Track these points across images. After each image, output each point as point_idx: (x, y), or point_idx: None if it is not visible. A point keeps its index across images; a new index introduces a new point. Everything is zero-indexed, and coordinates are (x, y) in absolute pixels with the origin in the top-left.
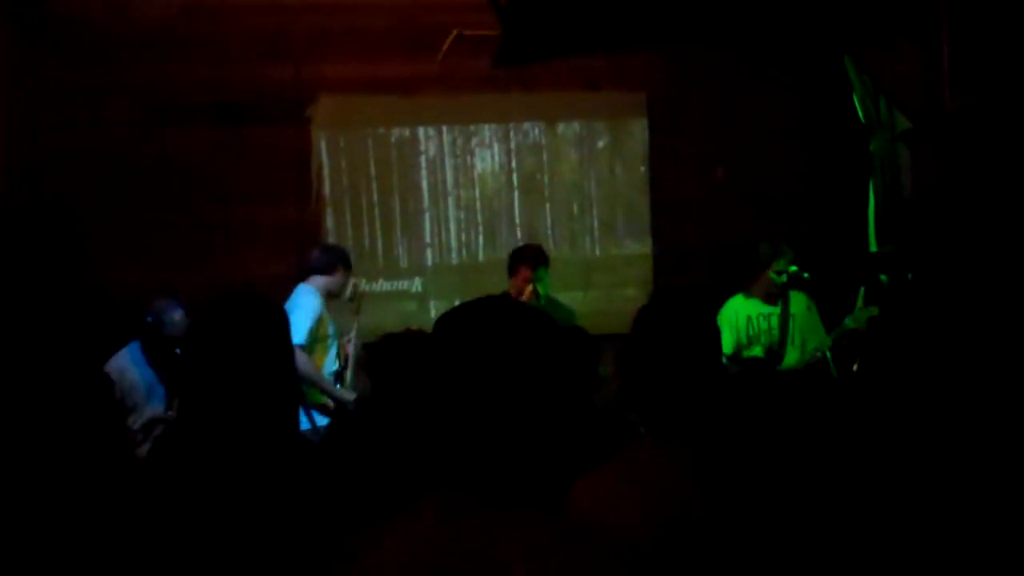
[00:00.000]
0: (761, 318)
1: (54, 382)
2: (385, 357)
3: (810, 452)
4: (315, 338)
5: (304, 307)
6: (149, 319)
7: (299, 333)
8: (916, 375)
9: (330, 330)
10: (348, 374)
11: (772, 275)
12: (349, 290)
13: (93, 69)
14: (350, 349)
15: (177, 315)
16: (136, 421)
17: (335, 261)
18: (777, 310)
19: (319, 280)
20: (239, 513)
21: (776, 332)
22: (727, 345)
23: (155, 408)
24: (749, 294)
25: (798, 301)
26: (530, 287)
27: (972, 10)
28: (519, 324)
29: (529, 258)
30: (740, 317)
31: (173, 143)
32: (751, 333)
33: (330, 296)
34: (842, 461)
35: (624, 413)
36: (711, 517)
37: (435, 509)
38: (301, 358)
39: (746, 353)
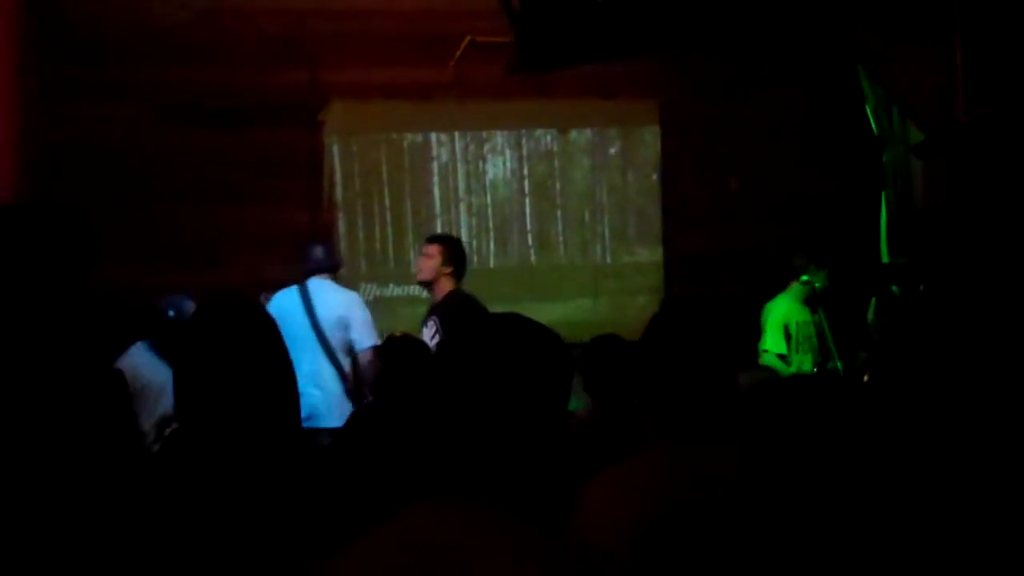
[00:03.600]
0: (805, 325)
1: (65, 380)
2: (388, 360)
3: (823, 457)
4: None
5: (361, 305)
6: (171, 313)
7: (373, 334)
8: (929, 385)
9: None
10: None
11: (806, 280)
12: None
13: (108, 70)
14: None
15: (194, 308)
16: (148, 420)
17: (338, 262)
18: (815, 318)
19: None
20: (241, 513)
21: (815, 341)
22: (778, 346)
23: (167, 406)
24: (793, 296)
25: (806, 313)
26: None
27: (986, 22)
28: (526, 342)
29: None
30: (792, 322)
31: (186, 145)
32: (799, 339)
33: None
34: (855, 468)
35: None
36: (718, 518)
37: (416, 513)
38: None
39: (795, 361)
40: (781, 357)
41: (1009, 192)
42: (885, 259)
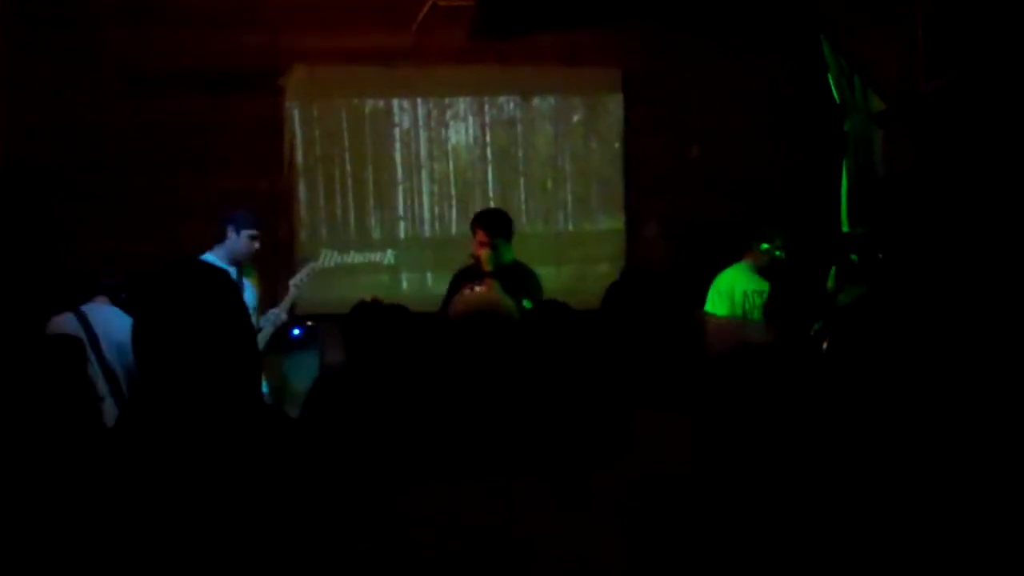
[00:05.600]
0: (755, 294)
1: (26, 348)
2: (361, 326)
3: (784, 424)
4: None
5: None
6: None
7: None
8: (887, 354)
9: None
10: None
11: (766, 249)
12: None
13: (68, 34)
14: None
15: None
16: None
17: (224, 225)
18: (766, 286)
19: (218, 249)
20: (210, 483)
21: None
22: (715, 311)
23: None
24: (744, 267)
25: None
26: (485, 251)
27: None
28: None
29: (483, 221)
30: (736, 290)
31: (146, 110)
32: (746, 307)
33: (236, 262)
34: (815, 434)
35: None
36: (677, 488)
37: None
38: None
39: None
40: None
41: (969, 161)
42: (845, 228)
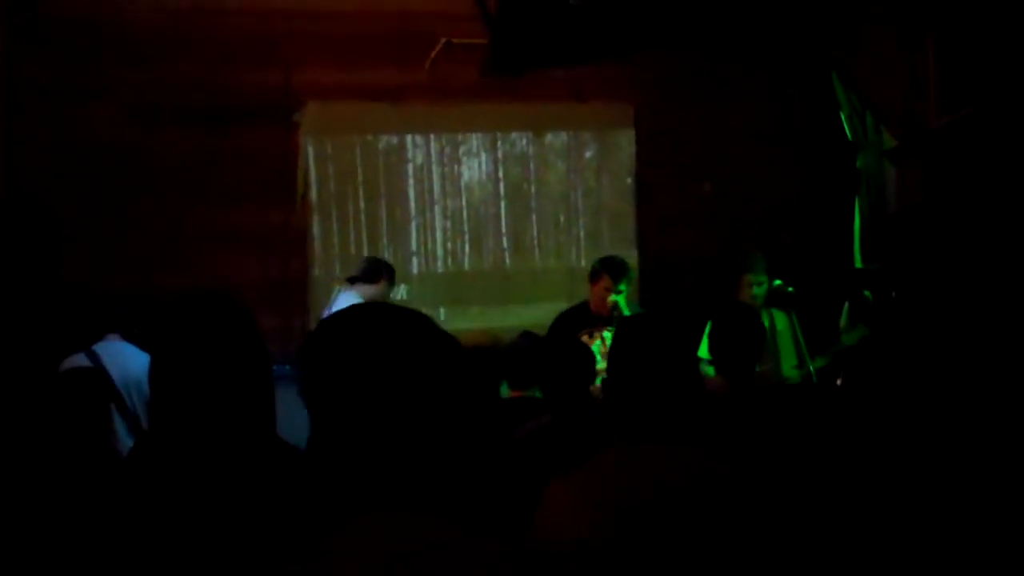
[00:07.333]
0: None
1: (31, 381)
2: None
3: (786, 458)
4: None
5: None
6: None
7: None
8: (900, 390)
9: None
10: None
11: (750, 277)
12: None
13: (81, 68)
14: None
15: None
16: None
17: (379, 271)
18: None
19: (361, 288)
20: (215, 517)
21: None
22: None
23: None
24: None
25: (779, 318)
26: (611, 298)
27: (956, 30)
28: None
29: (612, 269)
30: None
31: (160, 145)
32: None
33: None
34: (816, 469)
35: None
36: (679, 518)
37: (378, 526)
38: None
39: None
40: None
41: (981, 197)
42: (858, 264)
